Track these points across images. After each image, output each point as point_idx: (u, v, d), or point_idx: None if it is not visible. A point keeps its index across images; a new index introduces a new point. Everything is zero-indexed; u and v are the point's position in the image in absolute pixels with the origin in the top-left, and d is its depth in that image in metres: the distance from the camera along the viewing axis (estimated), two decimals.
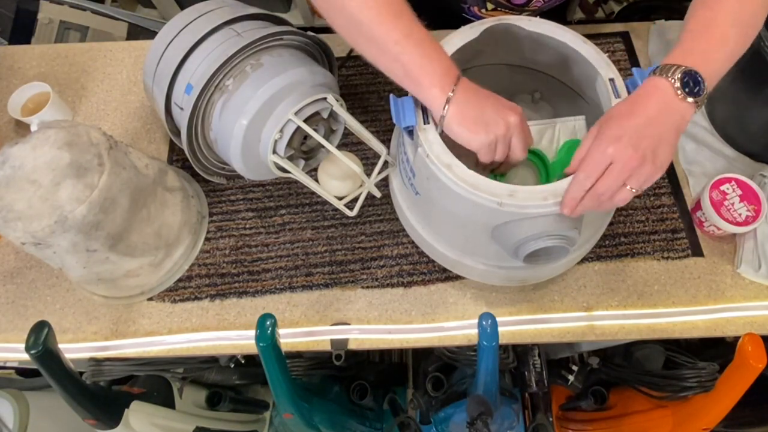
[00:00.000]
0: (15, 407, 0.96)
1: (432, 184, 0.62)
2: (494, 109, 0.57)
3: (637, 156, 0.52)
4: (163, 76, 0.70)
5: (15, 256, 0.84)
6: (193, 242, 0.82)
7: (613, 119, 0.55)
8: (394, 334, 0.76)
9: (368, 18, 0.56)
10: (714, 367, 0.80)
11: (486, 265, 0.70)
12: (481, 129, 0.56)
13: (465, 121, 0.56)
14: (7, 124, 0.94)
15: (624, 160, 0.53)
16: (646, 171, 0.53)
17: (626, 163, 0.53)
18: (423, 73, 0.56)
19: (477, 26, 0.66)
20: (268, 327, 0.61)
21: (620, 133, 0.53)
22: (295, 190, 0.87)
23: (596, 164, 0.54)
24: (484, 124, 0.56)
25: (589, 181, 0.54)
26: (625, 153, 0.53)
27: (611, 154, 0.53)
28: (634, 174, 0.53)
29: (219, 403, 1.08)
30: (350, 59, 0.97)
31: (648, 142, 0.53)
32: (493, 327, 0.60)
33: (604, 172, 0.54)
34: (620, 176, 0.53)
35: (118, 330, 0.78)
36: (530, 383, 0.94)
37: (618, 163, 0.53)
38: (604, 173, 0.54)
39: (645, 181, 0.54)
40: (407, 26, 0.56)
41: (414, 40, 0.56)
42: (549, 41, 0.67)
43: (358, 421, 1.11)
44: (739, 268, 0.78)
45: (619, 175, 0.53)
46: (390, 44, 0.56)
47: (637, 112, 0.54)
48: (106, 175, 0.64)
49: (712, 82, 0.56)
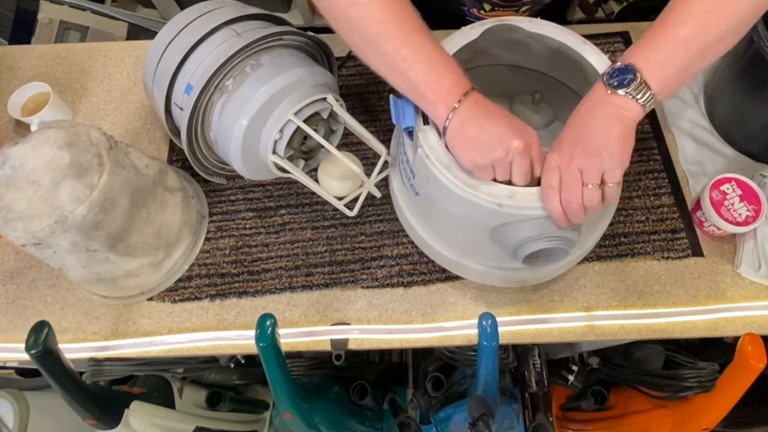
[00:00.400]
0: (15, 407, 0.96)
1: (431, 185, 0.62)
2: (498, 130, 0.55)
3: (577, 155, 0.53)
4: (163, 76, 0.70)
5: (15, 256, 0.84)
6: (193, 242, 0.82)
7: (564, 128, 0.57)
8: (394, 334, 0.76)
9: (376, 34, 0.55)
10: (714, 367, 0.80)
11: (485, 266, 0.70)
12: (474, 150, 0.55)
13: (461, 139, 0.55)
14: (7, 124, 0.94)
15: (566, 164, 0.54)
16: (594, 163, 0.53)
17: (570, 165, 0.53)
18: (430, 90, 0.55)
19: (478, 27, 0.66)
20: (268, 327, 0.61)
21: (560, 141, 0.56)
22: (295, 190, 0.87)
23: (549, 175, 0.55)
24: (480, 145, 0.55)
25: (552, 191, 0.55)
26: (564, 157, 0.54)
27: (556, 163, 0.55)
28: (584, 171, 0.53)
29: (219, 403, 1.08)
30: (350, 59, 0.97)
31: (584, 139, 0.53)
32: (493, 327, 0.60)
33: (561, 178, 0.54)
34: (573, 179, 0.53)
35: (118, 330, 0.78)
36: (530, 383, 0.94)
37: (564, 169, 0.54)
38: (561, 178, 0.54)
39: (600, 172, 0.53)
40: (416, 41, 0.55)
41: (422, 56, 0.55)
42: (550, 42, 0.67)
43: (358, 421, 1.11)
44: (739, 268, 0.78)
45: (572, 179, 0.53)
46: (398, 60, 0.55)
47: (576, 116, 0.56)
48: (106, 175, 0.64)
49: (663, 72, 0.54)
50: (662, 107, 0.92)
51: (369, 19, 0.55)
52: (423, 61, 0.55)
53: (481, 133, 0.55)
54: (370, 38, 0.55)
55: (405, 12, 0.56)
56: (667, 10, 0.56)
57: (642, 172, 0.86)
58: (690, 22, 0.54)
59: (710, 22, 0.53)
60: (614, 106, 0.54)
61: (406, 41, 0.55)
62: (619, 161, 0.52)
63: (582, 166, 0.53)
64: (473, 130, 0.55)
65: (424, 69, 0.55)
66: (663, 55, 0.54)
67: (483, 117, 0.55)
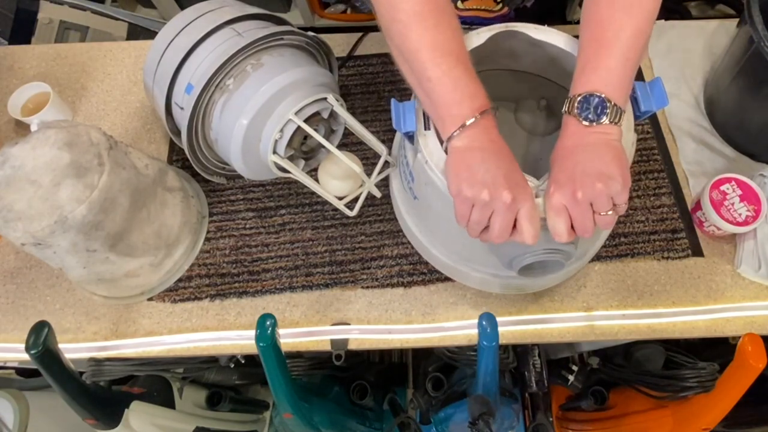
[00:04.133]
0: (15, 407, 0.96)
1: (430, 190, 0.62)
2: (496, 173, 0.52)
3: (581, 189, 0.52)
4: (164, 76, 0.70)
5: (15, 256, 0.84)
6: (193, 242, 0.82)
7: (552, 169, 0.56)
8: (394, 334, 0.76)
9: (408, 51, 0.56)
10: (714, 367, 0.80)
11: (483, 273, 0.70)
12: (465, 179, 0.53)
13: (458, 163, 0.54)
14: (7, 124, 0.94)
15: (573, 201, 0.53)
16: (602, 193, 0.52)
17: (578, 202, 0.52)
18: (447, 114, 0.55)
19: (483, 33, 0.66)
20: (268, 327, 0.61)
21: (555, 183, 0.54)
22: (295, 190, 0.87)
23: (558, 218, 0.54)
24: (474, 177, 0.53)
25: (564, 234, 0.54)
26: (568, 194, 0.53)
27: (558, 200, 0.53)
28: (595, 202, 0.52)
29: (219, 403, 1.08)
30: (350, 59, 0.97)
31: (582, 173, 0.53)
32: (493, 327, 0.60)
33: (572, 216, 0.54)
34: (586, 213, 0.53)
35: (118, 330, 0.78)
36: (530, 383, 0.94)
37: (573, 207, 0.53)
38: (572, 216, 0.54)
39: (609, 199, 0.52)
40: (446, 63, 0.55)
41: (449, 79, 0.54)
42: (554, 49, 0.66)
43: (358, 421, 1.11)
44: (739, 268, 0.78)
45: (584, 213, 0.53)
46: (423, 80, 0.55)
47: (561, 154, 0.56)
48: (106, 175, 0.64)
49: (622, 86, 0.55)
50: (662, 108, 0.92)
51: (404, 38, 0.56)
52: (448, 83, 0.54)
53: (480, 166, 0.53)
54: (404, 55, 0.57)
55: (441, 34, 0.56)
56: (592, 26, 0.57)
57: (642, 172, 0.86)
58: (627, 27, 0.55)
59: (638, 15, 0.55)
60: (596, 134, 0.54)
61: (436, 64, 0.54)
62: (623, 182, 0.52)
63: (591, 198, 0.52)
64: (474, 159, 0.54)
65: (447, 93, 0.54)
66: (617, 72, 0.54)
67: (488, 152, 0.54)
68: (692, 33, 0.99)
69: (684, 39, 0.98)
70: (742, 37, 0.78)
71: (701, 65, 0.95)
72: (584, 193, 0.52)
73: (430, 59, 0.54)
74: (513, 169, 0.54)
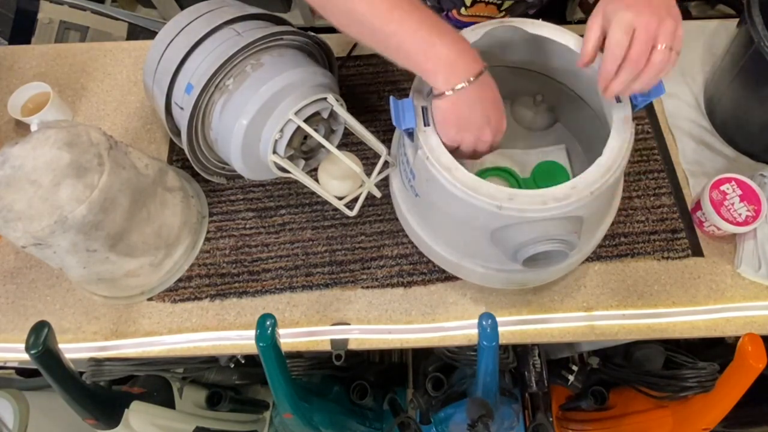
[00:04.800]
0: (15, 407, 0.96)
1: (431, 187, 0.62)
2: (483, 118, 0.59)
3: (655, 13, 0.53)
4: (164, 76, 0.70)
5: (15, 256, 0.84)
6: (193, 242, 0.82)
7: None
8: (394, 334, 0.76)
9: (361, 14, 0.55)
10: (714, 367, 0.80)
11: (485, 268, 0.70)
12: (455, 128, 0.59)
13: (451, 115, 0.58)
14: (7, 124, 0.94)
15: (645, 23, 0.53)
16: (669, 26, 0.53)
17: (648, 24, 0.53)
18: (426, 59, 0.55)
19: (479, 29, 0.66)
20: (268, 327, 0.61)
21: (629, 2, 0.54)
22: (295, 190, 0.87)
23: (623, 32, 0.54)
24: (462, 124, 0.58)
25: (620, 49, 0.54)
26: (643, 15, 0.53)
27: (630, 20, 0.53)
28: (660, 32, 0.53)
29: (219, 403, 1.08)
30: (350, 59, 0.97)
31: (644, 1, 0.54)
32: (493, 327, 0.60)
33: (632, 41, 0.54)
34: (648, 38, 0.53)
35: (118, 330, 0.78)
36: (530, 383, 0.94)
37: (640, 27, 0.53)
38: (632, 42, 0.54)
39: (671, 35, 0.54)
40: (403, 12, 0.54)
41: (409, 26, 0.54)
42: (551, 44, 0.67)
43: (358, 421, 1.11)
44: (739, 268, 0.78)
45: (647, 37, 0.53)
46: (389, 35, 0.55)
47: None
48: (106, 175, 0.64)
49: None
50: (662, 107, 0.92)
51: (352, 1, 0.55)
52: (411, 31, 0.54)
53: (470, 114, 0.58)
54: (357, 18, 0.55)
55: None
56: None
57: (642, 172, 0.86)
58: None
59: None
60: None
61: (391, 19, 0.54)
62: (680, 28, 0.54)
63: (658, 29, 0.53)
64: (464, 110, 0.57)
65: (414, 39, 0.54)
66: None
67: (478, 103, 0.58)
68: (692, 33, 0.99)
69: (684, 39, 0.98)
70: (742, 37, 0.78)
71: (701, 65, 0.95)
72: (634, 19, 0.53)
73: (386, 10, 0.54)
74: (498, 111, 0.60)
